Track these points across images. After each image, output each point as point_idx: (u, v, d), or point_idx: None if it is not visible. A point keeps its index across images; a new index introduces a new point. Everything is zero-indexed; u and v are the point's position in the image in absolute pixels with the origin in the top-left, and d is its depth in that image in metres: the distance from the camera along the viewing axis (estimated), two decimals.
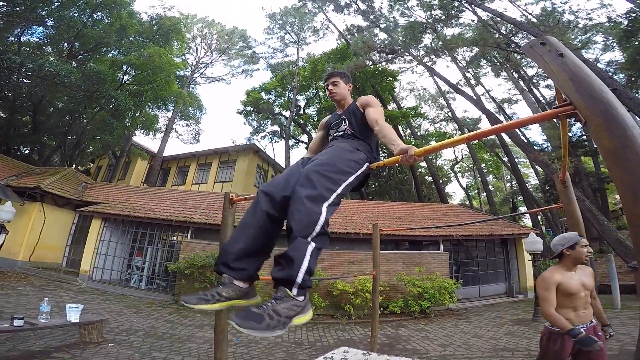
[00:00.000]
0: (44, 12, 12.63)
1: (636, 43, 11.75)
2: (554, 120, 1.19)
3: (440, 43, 15.57)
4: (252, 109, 23.49)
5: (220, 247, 1.88)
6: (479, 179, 27.14)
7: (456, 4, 15.59)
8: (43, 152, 17.90)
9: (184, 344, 5.03)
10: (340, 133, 1.96)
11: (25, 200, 9.80)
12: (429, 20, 16.17)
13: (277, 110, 24.45)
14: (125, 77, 16.92)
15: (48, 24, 13.37)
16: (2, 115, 16.12)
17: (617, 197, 24.58)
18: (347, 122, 1.94)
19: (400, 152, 1.37)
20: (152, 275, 9.67)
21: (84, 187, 12.37)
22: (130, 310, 6.99)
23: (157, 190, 14.64)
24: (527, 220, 23.84)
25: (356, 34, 19.22)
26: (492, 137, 22.20)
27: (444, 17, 15.90)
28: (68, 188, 11.29)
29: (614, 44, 14.39)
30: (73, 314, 4.20)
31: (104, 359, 4.00)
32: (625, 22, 12.36)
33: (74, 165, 17.82)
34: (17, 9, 12.07)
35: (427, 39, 16.66)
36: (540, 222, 19.78)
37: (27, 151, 17.93)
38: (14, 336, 4.11)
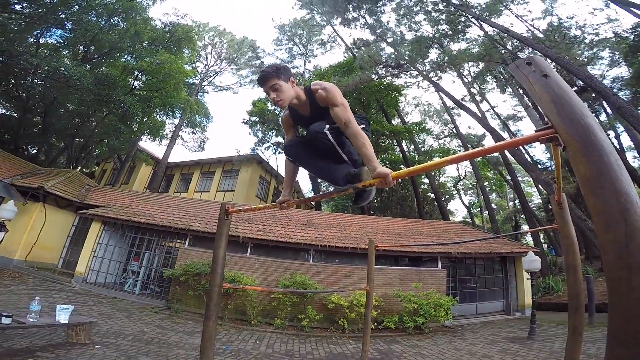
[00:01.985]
0: (63, 15, 12.99)
1: None
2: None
3: (446, 58, 15.74)
4: (257, 119, 23.69)
5: None
6: (482, 196, 27.01)
7: (463, 19, 15.81)
8: (50, 153, 18.13)
9: (172, 350, 4.97)
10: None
11: (27, 200, 9.88)
12: (436, 35, 16.37)
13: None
14: (136, 83, 17.21)
15: (66, 27, 13.70)
16: (14, 115, 16.41)
17: None
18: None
19: (378, 176, 1.41)
20: (147, 281, 9.63)
21: (86, 190, 12.46)
22: (121, 313, 6.94)
23: (159, 197, 14.72)
24: (529, 239, 23.59)
25: (363, 48, 19.52)
26: (496, 154, 22.25)
27: (450, 32, 16.10)
28: (71, 190, 11.38)
29: (620, 60, 14.33)
30: (63, 315, 4.18)
31: None
32: (632, 37, 12.25)
33: (79, 168, 18.01)
34: (39, 10, 12.42)
35: (434, 54, 16.88)
36: (543, 241, 19.52)
37: (34, 151, 18.15)
38: (0, 334, 4.08)
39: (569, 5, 32.44)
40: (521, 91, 20.10)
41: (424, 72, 16.74)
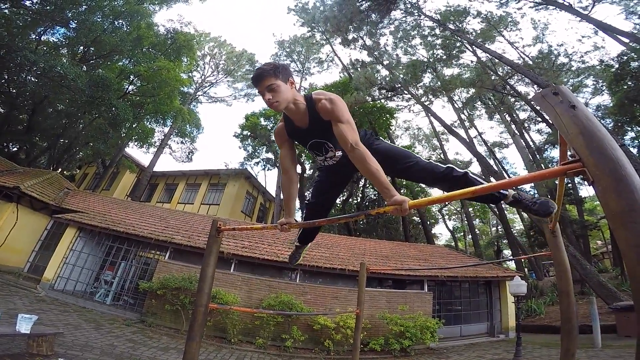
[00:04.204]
0: (70, 14, 12.84)
1: (625, 87, 11.79)
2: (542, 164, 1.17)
3: (439, 83, 16.21)
4: (249, 133, 23.56)
5: None
6: (466, 222, 27.41)
7: (458, 44, 16.40)
8: (31, 152, 17.42)
9: None
10: (334, 161, 1.76)
11: (0, 200, 9.36)
12: (431, 60, 16.88)
13: (273, 137, 24.54)
14: (130, 87, 16.98)
15: (71, 26, 13.52)
16: (1, 110, 15.81)
17: (599, 242, 25.15)
18: (330, 145, 1.66)
19: (394, 203, 1.31)
20: (120, 292, 9.11)
21: (65, 193, 11.94)
22: (89, 325, 6.50)
23: (140, 206, 14.22)
24: (511, 263, 23.92)
25: (359, 69, 19.93)
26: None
27: (445, 57, 16.61)
28: (48, 192, 10.87)
29: (604, 88, 14.70)
30: (24, 325, 3.83)
31: None
32: (616, 65, 12.36)
33: (60, 170, 17.33)
34: (47, 7, 12.22)
35: (427, 78, 17.37)
36: (523, 265, 19.86)
37: (15, 149, 17.42)
38: None
39: (559, 32, 34.16)
40: (508, 118, 20.85)
41: (417, 96, 17.18)
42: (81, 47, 15.24)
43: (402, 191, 19.64)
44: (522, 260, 19.83)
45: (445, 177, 1.66)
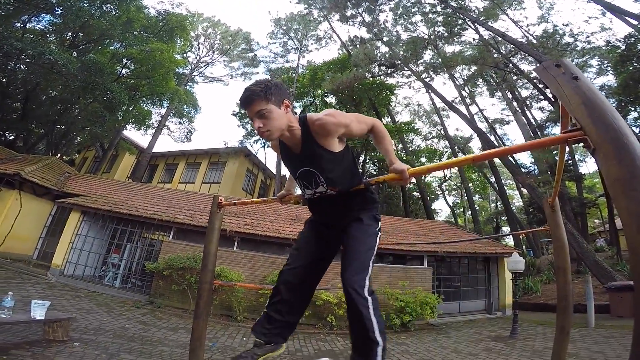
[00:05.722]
0: (54, 1, 12.44)
1: (631, 68, 11.88)
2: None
3: (440, 60, 15.88)
4: None
5: None
6: (466, 197, 27.59)
7: (460, 22, 15.95)
8: (29, 139, 17.33)
9: (155, 347, 4.81)
10: (322, 195, 1.51)
11: (2, 187, 9.40)
12: (431, 37, 16.49)
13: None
14: (124, 71, 16.67)
15: (56, 13, 13.15)
16: None
17: (597, 221, 25.46)
18: (322, 179, 1.44)
19: (395, 171, 1.31)
20: (127, 274, 9.33)
21: (66, 178, 11.97)
22: (101, 308, 6.69)
23: (142, 187, 14.30)
24: (509, 240, 24.28)
25: (358, 45, 19.47)
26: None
27: (446, 35, 16.24)
28: (49, 177, 10.89)
29: (609, 68, 14.68)
30: (38, 311, 3.93)
31: (68, 358, 3.77)
32: (623, 47, 12.46)
33: (59, 155, 17.29)
34: None
35: (428, 55, 17.01)
36: (522, 242, 20.15)
37: (12, 137, 17.31)
38: None
39: (565, 12, 33.17)
40: (510, 96, 20.54)
41: (417, 73, 16.84)
42: (69, 33, 14.83)
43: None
44: (521, 238, 20.11)
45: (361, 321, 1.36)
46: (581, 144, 0.96)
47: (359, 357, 1.38)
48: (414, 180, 25.54)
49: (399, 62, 16.57)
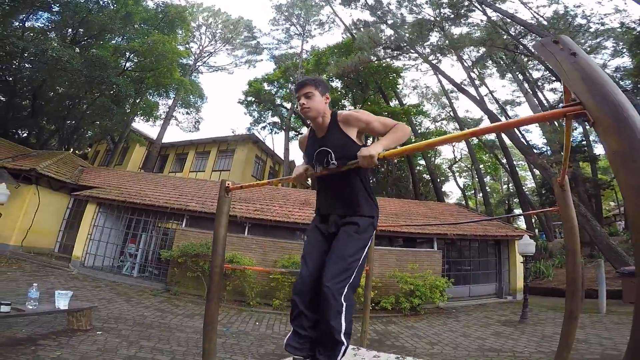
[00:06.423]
0: None
1: None
2: (556, 121, 1.15)
3: (447, 42, 15.41)
4: (253, 99, 23.37)
5: None
6: (477, 179, 27.20)
7: (466, 3, 15.39)
8: (41, 136, 17.76)
9: (173, 333, 5.02)
10: (329, 171, 1.66)
11: (20, 183, 9.71)
12: (437, 19, 15.97)
13: (278, 101, 24.31)
14: (128, 64, 16.79)
15: (53, 10, 13.21)
16: (2, 98, 15.95)
17: (612, 204, 24.87)
18: (333, 156, 1.61)
19: (361, 153, 1.45)
20: (144, 263, 9.65)
21: (80, 171, 12.27)
22: (121, 298, 6.97)
23: (154, 177, 14.57)
24: (521, 223, 23.98)
25: (362, 29, 19.04)
26: (492, 138, 22.23)
27: (452, 16, 15.69)
28: (64, 171, 11.19)
29: (624, 50, 14.18)
30: (62, 301, 4.13)
31: (92, 346, 3.97)
32: (638, 28, 12.19)
33: (72, 150, 17.71)
34: None
35: (434, 37, 16.50)
36: (534, 225, 19.87)
37: (25, 134, 17.74)
38: (0, 322, 4.05)
39: None
40: (521, 77, 19.87)
41: (424, 55, 16.41)
42: (69, 30, 14.90)
43: None
44: (533, 221, 19.79)
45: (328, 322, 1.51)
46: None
47: (324, 351, 1.53)
48: (423, 162, 25.31)
49: (405, 44, 16.15)
